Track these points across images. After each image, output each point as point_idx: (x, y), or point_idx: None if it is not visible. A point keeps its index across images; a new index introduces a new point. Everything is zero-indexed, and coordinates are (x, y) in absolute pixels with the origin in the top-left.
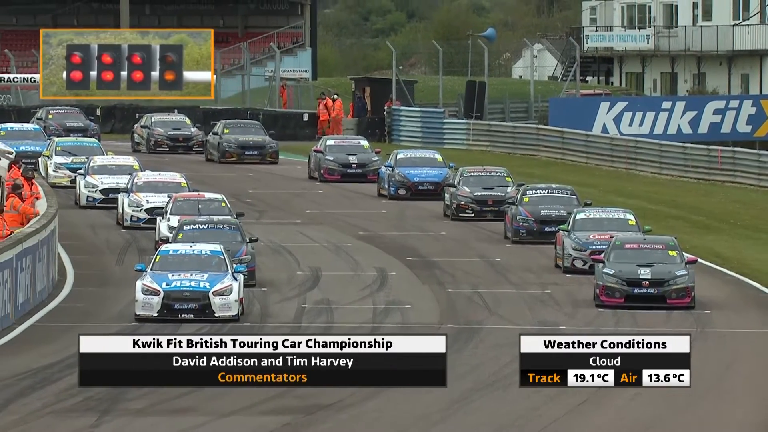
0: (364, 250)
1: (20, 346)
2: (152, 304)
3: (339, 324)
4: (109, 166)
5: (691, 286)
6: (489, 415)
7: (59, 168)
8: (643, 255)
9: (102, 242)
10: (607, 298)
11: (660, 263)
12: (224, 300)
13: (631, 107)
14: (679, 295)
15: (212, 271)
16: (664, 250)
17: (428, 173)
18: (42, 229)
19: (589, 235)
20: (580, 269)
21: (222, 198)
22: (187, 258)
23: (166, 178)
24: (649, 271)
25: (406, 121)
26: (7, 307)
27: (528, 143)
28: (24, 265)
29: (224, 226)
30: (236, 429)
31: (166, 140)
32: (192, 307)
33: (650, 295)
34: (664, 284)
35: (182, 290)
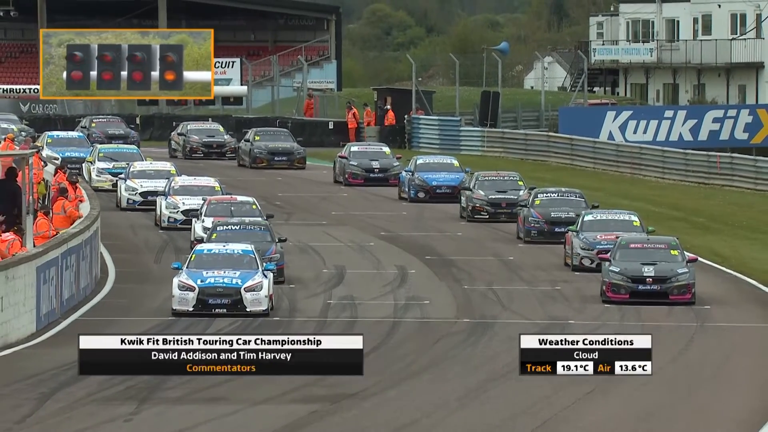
0: (385, 249)
1: (65, 339)
2: (188, 299)
3: (362, 318)
4: (147, 171)
5: (692, 283)
6: (503, 403)
7: (102, 173)
8: (647, 254)
9: (141, 242)
10: (613, 294)
11: (663, 261)
12: (255, 295)
13: (636, 116)
14: (681, 292)
15: (244, 268)
16: (666, 250)
17: (445, 177)
18: (85, 230)
19: (596, 235)
20: (588, 267)
21: (253, 201)
22: (221, 257)
23: (201, 182)
24: (653, 269)
25: (425, 128)
26: (54, 303)
27: (539, 149)
28: (69, 263)
29: (255, 227)
30: (267, 416)
31: (201, 147)
32: (225, 302)
33: (654, 292)
34: (667, 281)
35: (216, 286)
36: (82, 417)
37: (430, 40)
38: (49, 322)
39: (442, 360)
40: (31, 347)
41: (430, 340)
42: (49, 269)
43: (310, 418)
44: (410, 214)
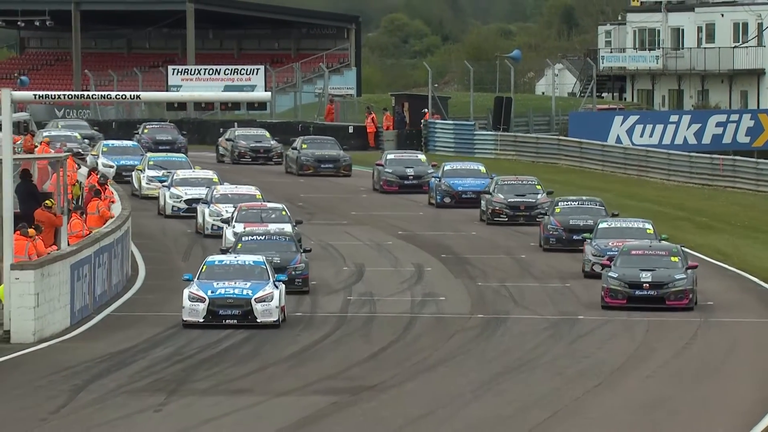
0: (403, 248)
1: (98, 333)
2: (198, 310)
3: (380, 314)
4: (190, 179)
5: (690, 288)
6: (515, 395)
7: (151, 180)
8: (647, 260)
9: (170, 241)
10: (611, 300)
11: (662, 268)
12: (266, 306)
13: (642, 120)
14: (677, 297)
15: (255, 279)
16: (667, 256)
17: (471, 183)
18: (117, 230)
19: (609, 242)
20: (599, 274)
21: (282, 207)
22: (232, 268)
23: (242, 190)
24: (650, 275)
25: (441, 132)
26: (87, 299)
27: (550, 152)
28: (101, 261)
29: (280, 238)
30: (289, 407)
31: (249, 152)
32: (235, 313)
33: (650, 297)
34: (664, 287)
35: (226, 297)
36: (113, 408)
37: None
38: (82, 317)
39: (457, 354)
40: (66, 341)
41: (445, 335)
42: (82, 267)
43: (330, 408)
44: (426, 214)
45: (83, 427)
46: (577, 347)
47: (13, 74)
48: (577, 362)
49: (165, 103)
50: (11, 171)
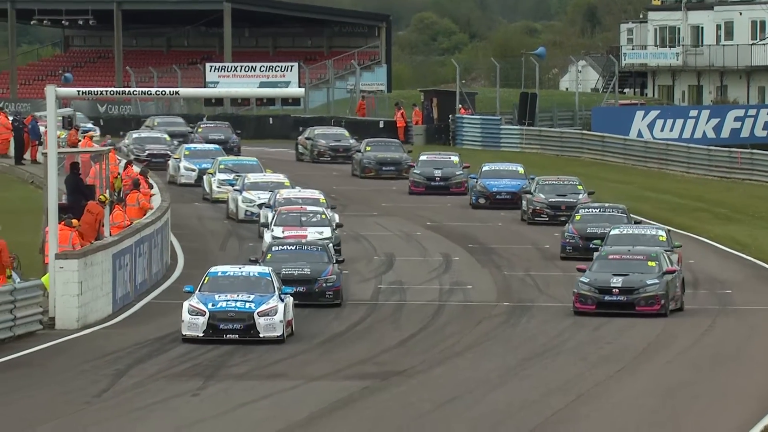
0: (431, 238)
1: (138, 320)
2: (198, 324)
3: (410, 302)
4: (261, 182)
5: (662, 294)
6: (540, 380)
7: (222, 184)
8: (623, 265)
9: (207, 231)
10: (581, 305)
11: (635, 273)
12: (269, 320)
13: (663, 115)
14: (648, 303)
15: (259, 292)
16: (644, 261)
17: (507, 184)
18: (157, 220)
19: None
20: None
21: (322, 210)
22: (236, 280)
23: (305, 194)
24: (621, 280)
25: (468, 127)
26: (128, 287)
27: (573, 146)
28: (142, 250)
29: (312, 248)
30: (322, 391)
31: (328, 150)
32: (237, 327)
33: (620, 303)
34: (633, 292)
35: (227, 310)
36: (154, 392)
37: (472, 46)
38: (124, 304)
39: (483, 340)
40: (108, 327)
41: (472, 322)
42: (123, 256)
43: (361, 393)
44: (454, 205)
45: (125, 410)
46: (599, 334)
47: (58, 71)
48: (599, 348)
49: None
50: (56, 164)
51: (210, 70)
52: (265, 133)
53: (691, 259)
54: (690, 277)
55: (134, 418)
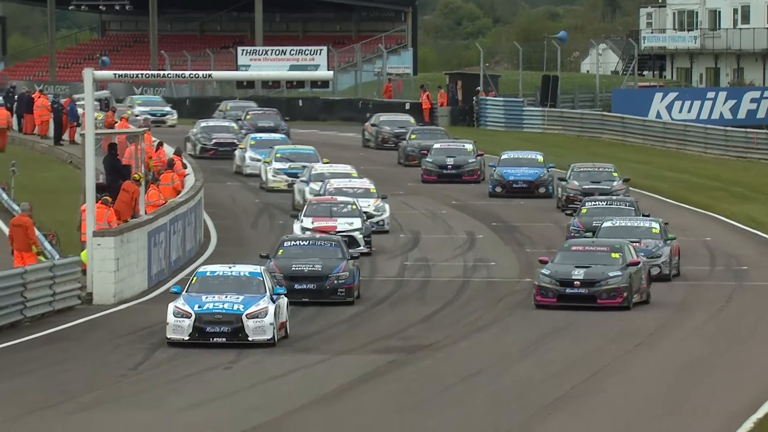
0: (456, 216)
1: (173, 295)
2: (183, 327)
3: (435, 278)
4: (327, 173)
5: (624, 286)
6: (560, 354)
7: (278, 173)
8: (585, 257)
9: (240, 210)
10: (542, 298)
11: (598, 264)
12: (258, 323)
13: (681, 97)
14: (610, 296)
15: (250, 293)
16: (607, 253)
17: (524, 172)
18: (190, 199)
19: None
20: None
21: (353, 201)
22: (225, 280)
23: (356, 183)
24: (582, 272)
25: (492, 108)
26: (163, 263)
27: (594, 127)
28: (176, 228)
29: (326, 243)
30: (350, 365)
31: (392, 137)
32: (224, 330)
33: (581, 295)
34: (595, 285)
35: (214, 312)
36: (187, 365)
37: (496, 30)
38: (158, 280)
39: (505, 316)
40: (143, 303)
41: (495, 298)
42: (158, 234)
43: (388, 366)
44: (478, 185)
45: (160, 382)
46: (618, 310)
47: (95, 55)
48: (618, 324)
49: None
50: (93, 144)
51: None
52: (295, 115)
53: (708, 236)
54: (707, 253)
55: (170, 389)
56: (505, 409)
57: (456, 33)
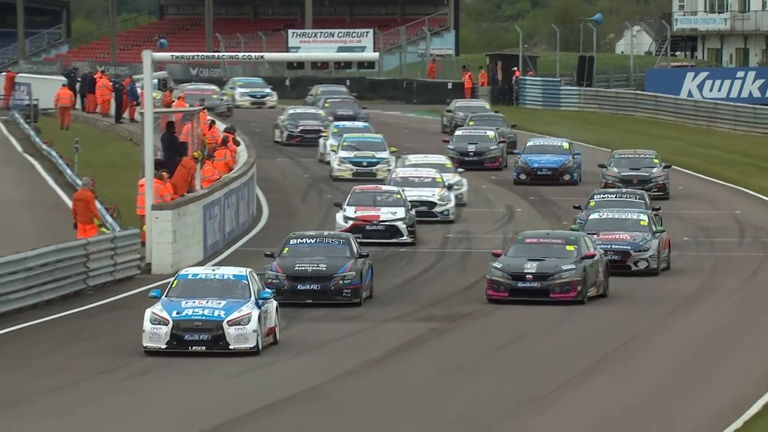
0: (496, 191)
1: (227, 265)
2: (160, 334)
3: (476, 250)
4: (420, 164)
5: (578, 280)
6: (596, 322)
7: (343, 162)
8: (539, 249)
9: (290, 184)
10: (494, 292)
11: (552, 257)
12: (240, 330)
13: (712, 76)
14: (563, 290)
15: (233, 297)
16: (562, 245)
17: (548, 159)
18: (243, 174)
19: (596, 234)
20: None
21: (399, 190)
22: (208, 283)
23: (422, 173)
24: (535, 265)
25: (530, 88)
26: (217, 235)
27: (628, 105)
28: (230, 202)
29: (333, 241)
30: (394, 332)
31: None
32: (204, 338)
33: (534, 289)
34: (548, 278)
35: (193, 319)
36: None
37: (534, 13)
38: (213, 251)
39: None
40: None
41: None
42: (213, 207)
43: (430, 334)
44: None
45: None
46: (650, 279)
47: (154, 37)
48: (651, 292)
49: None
50: (151, 122)
51: (292, 36)
52: None
53: (738, 209)
54: (736, 226)
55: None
56: (542, 374)
57: (496, 16)
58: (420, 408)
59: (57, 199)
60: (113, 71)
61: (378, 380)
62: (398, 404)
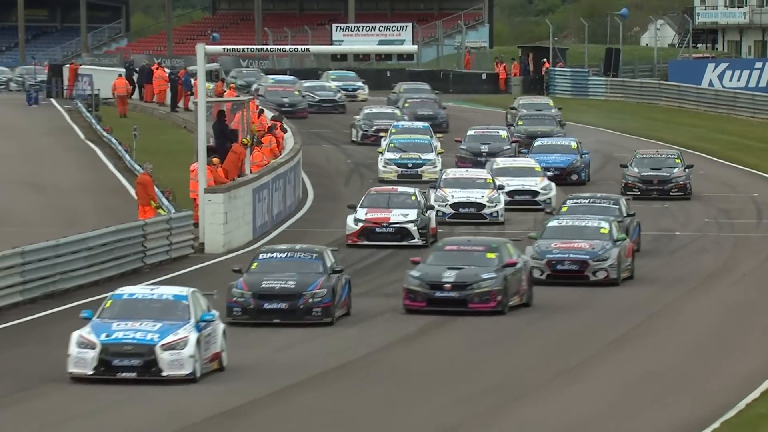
0: None
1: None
2: (86, 359)
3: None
4: (512, 168)
5: (498, 289)
6: (621, 300)
7: (388, 164)
8: (459, 257)
9: (333, 169)
10: (411, 302)
11: (472, 266)
12: (175, 355)
13: (732, 67)
14: (482, 300)
15: (171, 319)
16: (482, 252)
17: (555, 159)
18: (290, 160)
19: (553, 243)
20: (538, 279)
21: (414, 192)
22: (145, 304)
23: (473, 174)
24: (454, 274)
25: (560, 78)
26: (266, 217)
27: (652, 95)
28: (277, 186)
29: (305, 255)
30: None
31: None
32: (134, 364)
33: (452, 299)
34: (467, 288)
35: (123, 343)
36: None
37: (564, 7)
38: (262, 232)
39: None
40: (249, 252)
41: None
42: (262, 191)
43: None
44: None
45: None
46: (674, 258)
47: (207, 31)
48: (674, 271)
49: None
50: (204, 111)
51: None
52: (382, 84)
53: (756, 192)
54: (754, 208)
55: (271, 329)
56: (568, 349)
57: (528, 10)
58: (459, 378)
59: (117, 184)
60: (169, 63)
61: (414, 354)
62: (436, 376)
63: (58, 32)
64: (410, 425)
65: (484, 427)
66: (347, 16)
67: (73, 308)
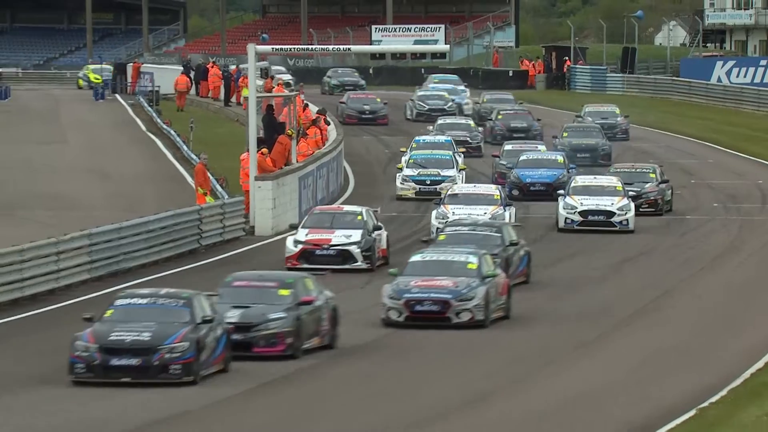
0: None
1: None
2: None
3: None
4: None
5: (288, 331)
6: (636, 277)
7: (406, 180)
8: (248, 294)
9: (372, 158)
10: None
11: (261, 304)
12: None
13: (738, 65)
14: (269, 343)
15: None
16: (275, 289)
17: (542, 174)
18: (333, 150)
19: (413, 281)
20: (395, 322)
21: (360, 211)
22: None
23: (480, 190)
24: (238, 314)
25: (580, 75)
26: (311, 203)
27: (665, 90)
28: (321, 174)
29: (170, 302)
30: None
31: None
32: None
33: (236, 342)
34: (251, 329)
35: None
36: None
37: (585, 9)
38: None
39: (585, 247)
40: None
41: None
42: (307, 178)
43: None
44: None
45: None
46: (684, 240)
47: (257, 33)
48: (684, 251)
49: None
50: (255, 105)
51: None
52: (417, 81)
53: (761, 179)
54: (759, 194)
55: None
56: (589, 323)
57: (551, 12)
58: (482, 352)
59: (175, 172)
60: (223, 62)
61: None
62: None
63: (122, 34)
64: None
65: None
66: (386, 18)
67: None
